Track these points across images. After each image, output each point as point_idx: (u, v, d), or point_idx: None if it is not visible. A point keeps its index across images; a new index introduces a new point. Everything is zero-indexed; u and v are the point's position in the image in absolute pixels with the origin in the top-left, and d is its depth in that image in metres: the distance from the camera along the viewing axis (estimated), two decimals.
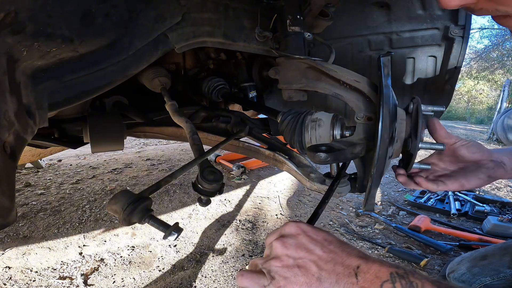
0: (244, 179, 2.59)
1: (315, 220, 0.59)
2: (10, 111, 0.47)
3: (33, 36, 0.50)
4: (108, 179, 2.55)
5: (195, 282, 1.29)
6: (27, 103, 0.54)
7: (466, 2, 0.43)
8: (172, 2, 0.77)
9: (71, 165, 3.01)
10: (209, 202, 0.71)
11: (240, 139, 1.04)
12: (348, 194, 1.76)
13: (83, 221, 1.78)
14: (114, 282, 1.28)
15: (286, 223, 0.55)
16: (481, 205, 2.07)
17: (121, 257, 1.45)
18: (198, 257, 1.46)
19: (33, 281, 1.27)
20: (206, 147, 0.80)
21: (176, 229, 0.55)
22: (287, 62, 0.81)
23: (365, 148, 0.63)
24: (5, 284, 1.23)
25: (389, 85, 0.57)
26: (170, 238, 0.55)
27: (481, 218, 1.89)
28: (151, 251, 1.51)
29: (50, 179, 2.54)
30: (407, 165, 0.69)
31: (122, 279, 1.30)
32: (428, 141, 0.63)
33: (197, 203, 0.80)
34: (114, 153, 3.49)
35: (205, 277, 1.32)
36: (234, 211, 1.99)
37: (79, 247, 1.52)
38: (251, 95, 1.33)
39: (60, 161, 3.15)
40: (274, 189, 2.42)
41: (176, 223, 0.56)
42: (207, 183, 0.66)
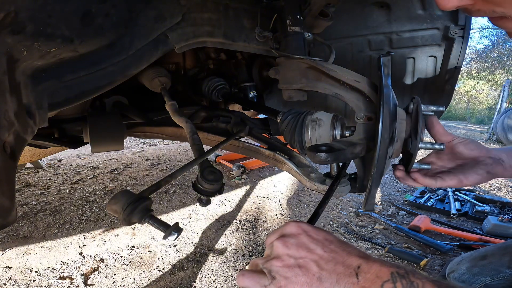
0: (244, 179, 2.59)
1: (316, 220, 0.59)
2: (10, 111, 0.47)
3: (33, 36, 0.50)
4: (108, 179, 2.55)
5: (195, 282, 1.29)
6: (27, 103, 0.54)
7: (463, 4, 0.43)
8: (172, 2, 0.77)
9: (71, 165, 3.00)
10: (209, 202, 0.71)
11: (240, 139, 1.04)
12: (348, 194, 1.76)
13: (83, 221, 1.78)
14: (114, 282, 1.28)
15: (287, 223, 0.55)
16: (481, 205, 2.07)
17: (121, 257, 1.45)
18: (198, 257, 1.46)
19: (33, 281, 1.27)
20: (206, 147, 0.80)
21: (176, 229, 0.55)
22: (287, 62, 0.81)
23: (365, 148, 0.63)
24: (5, 284, 1.23)
25: (389, 85, 0.57)
26: (170, 238, 0.55)
27: (481, 218, 1.89)
28: (151, 251, 1.51)
29: (50, 179, 2.54)
30: (407, 165, 0.69)
31: (122, 279, 1.30)
32: (428, 141, 0.63)
33: (197, 203, 0.80)
34: (114, 153, 3.49)
35: (205, 277, 1.32)
36: (234, 211, 1.99)
37: (79, 247, 1.52)
38: (251, 95, 1.33)
39: (60, 161, 3.15)
40: (274, 189, 2.42)
41: (176, 223, 0.56)
42: (207, 183, 0.66)
